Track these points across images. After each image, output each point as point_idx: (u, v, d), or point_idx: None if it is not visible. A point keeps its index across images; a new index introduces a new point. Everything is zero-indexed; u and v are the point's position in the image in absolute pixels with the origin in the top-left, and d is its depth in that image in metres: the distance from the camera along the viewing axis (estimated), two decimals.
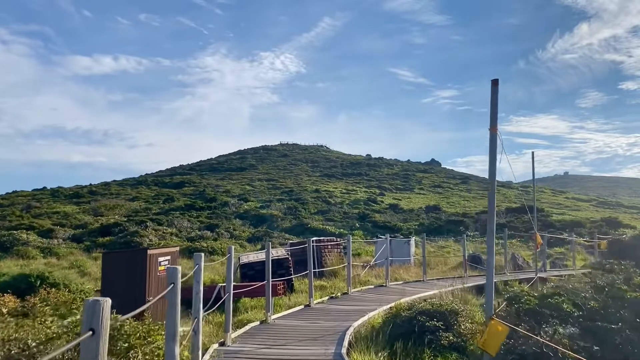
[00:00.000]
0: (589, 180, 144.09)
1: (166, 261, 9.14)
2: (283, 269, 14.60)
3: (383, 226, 35.50)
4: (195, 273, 7.14)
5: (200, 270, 7.14)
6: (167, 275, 7.22)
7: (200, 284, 7.21)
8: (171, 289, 7.16)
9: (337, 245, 20.16)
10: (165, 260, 9.12)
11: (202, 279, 7.28)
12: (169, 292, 7.35)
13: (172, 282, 6.55)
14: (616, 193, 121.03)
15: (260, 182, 68.61)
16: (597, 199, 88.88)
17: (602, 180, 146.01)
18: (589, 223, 39.83)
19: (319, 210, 43.13)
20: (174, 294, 7.30)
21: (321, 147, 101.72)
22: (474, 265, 20.68)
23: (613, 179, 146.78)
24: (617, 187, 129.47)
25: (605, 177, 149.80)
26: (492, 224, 7.01)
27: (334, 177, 77.50)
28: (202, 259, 7.05)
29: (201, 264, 7.00)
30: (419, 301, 9.49)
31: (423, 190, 76.13)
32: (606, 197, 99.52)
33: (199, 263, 7.01)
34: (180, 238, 26.83)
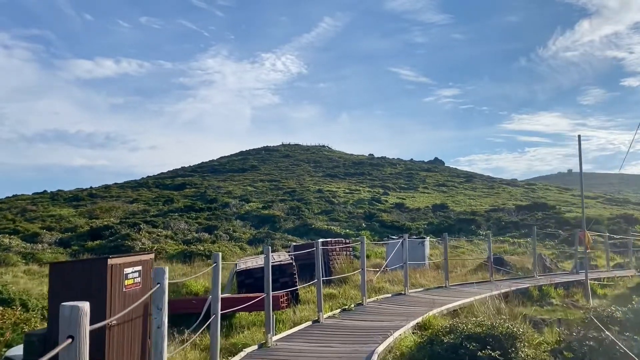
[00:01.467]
0: (593, 177, 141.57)
1: (135, 273, 6.97)
2: (286, 277, 12.41)
3: (391, 226, 33.31)
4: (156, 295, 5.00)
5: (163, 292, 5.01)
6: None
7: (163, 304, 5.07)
8: (157, 290, 5.02)
9: (345, 247, 17.97)
10: (135, 272, 6.95)
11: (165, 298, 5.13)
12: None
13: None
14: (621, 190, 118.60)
15: (263, 182, 66.55)
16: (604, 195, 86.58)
17: (606, 177, 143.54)
18: (607, 220, 37.55)
19: (323, 210, 40.97)
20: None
21: (323, 147, 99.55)
22: (498, 267, 18.47)
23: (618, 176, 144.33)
24: (621, 184, 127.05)
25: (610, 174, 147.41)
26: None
27: (337, 177, 75.43)
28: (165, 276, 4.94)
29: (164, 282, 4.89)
30: (460, 322, 7.28)
31: (427, 189, 73.99)
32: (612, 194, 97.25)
33: (160, 282, 4.90)
34: (175, 241, 24.69)
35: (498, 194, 73.92)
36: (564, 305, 13.33)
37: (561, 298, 14.05)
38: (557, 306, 13.27)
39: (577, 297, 14.03)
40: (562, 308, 13.11)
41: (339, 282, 15.68)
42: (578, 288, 14.85)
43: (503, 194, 73.31)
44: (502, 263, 19.01)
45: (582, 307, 13.34)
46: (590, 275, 17.84)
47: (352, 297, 13.33)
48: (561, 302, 13.63)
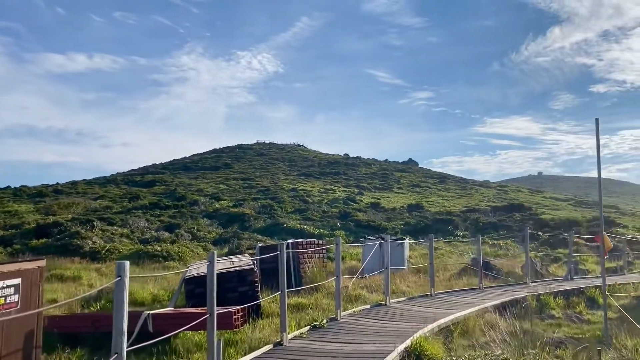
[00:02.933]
0: (563, 180, 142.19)
1: (10, 288, 4.67)
2: (246, 285, 10.17)
3: (367, 225, 31.27)
4: None
5: None
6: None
7: None
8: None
9: (318, 249, 15.79)
10: (9, 287, 4.65)
11: None
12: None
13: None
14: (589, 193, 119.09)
15: (236, 181, 64.08)
16: (574, 198, 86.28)
17: (575, 181, 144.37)
18: (586, 222, 36.18)
19: (296, 209, 38.76)
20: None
21: (298, 147, 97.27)
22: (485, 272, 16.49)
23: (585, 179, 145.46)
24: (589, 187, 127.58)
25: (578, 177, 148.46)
26: None
27: (312, 176, 73.41)
28: None
29: None
30: None
31: (402, 189, 72.51)
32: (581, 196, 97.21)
33: None
34: (132, 240, 22.24)
35: (471, 195, 72.76)
36: (568, 319, 11.39)
37: (562, 309, 12.13)
38: (559, 319, 11.33)
39: (580, 309, 12.11)
40: (565, 322, 11.17)
41: (310, 289, 13.51)
42: (579, 297, 12.96)
43: (476, 195, 72.16)
44: (488, 267, 17.07)
45: (588, 321, 11.42)
46: (585, 281, 16.02)
47: (325, 309, 11.15)
48: (563, 314, 11.70)
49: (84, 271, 16.13)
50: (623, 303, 12.71)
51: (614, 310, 12.29)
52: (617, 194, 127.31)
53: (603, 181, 11.47)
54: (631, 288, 14.17)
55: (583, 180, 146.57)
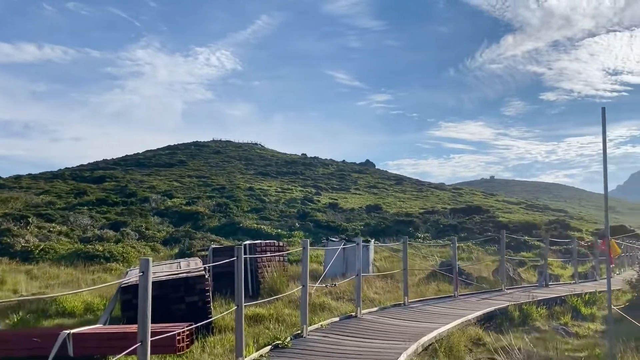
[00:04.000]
0: (513, 184, 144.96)
1: None
2: (195, 295, 8.51)
3: (326, 226, 29.84)
4: None
5: None
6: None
7: None
8: None
9: (279, 251, 14.23)
10: None
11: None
12: None
13: None
14: (538, 197, 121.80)
15: (190, 178, 61.65)
16: (526, 202, 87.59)
17: (524, 185, 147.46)
18: (544, 225, 35.90)
19: (253, 209, 36.99)
20: None
21: (256, 145, 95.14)
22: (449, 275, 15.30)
23: (534, 184, 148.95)
24: (538, 192, 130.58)
25: (528, 182, 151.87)
26: None
27: (269, 175, 71.66)
28: None
29: None
30: None
31: (359, 190, 71.71)
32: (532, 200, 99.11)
33: None
34: (71, 238, 20.08)
35: (427, 197, 72.61)
36: (555, 332, 10.24)
37: (545, 320, 10.99)
38: (546, 333, 10.15)
39: (565, 320, 10.99)
40: (552, 336, 10.00)
41: (269, 296, 11.94)
42: (561, 307, 11.86)
43: (432, 197, 72.06)
44: (459, 272, 15.88)
45: (576, 334, 10.30)
46: (561, 288, 15.05)
47: (287, 322, 9.61)
48: (549, 326, 10.54)
49: (11, 274, 14.04)
50: (606, 313, 11.72)
51: (599, 321, 11.27)
52: (565, 198, 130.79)
53: (551, 186, 10.47)
54: (612, 296, 13.19)
55: (532, 184, 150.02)
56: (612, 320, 8.40)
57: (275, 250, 13.81)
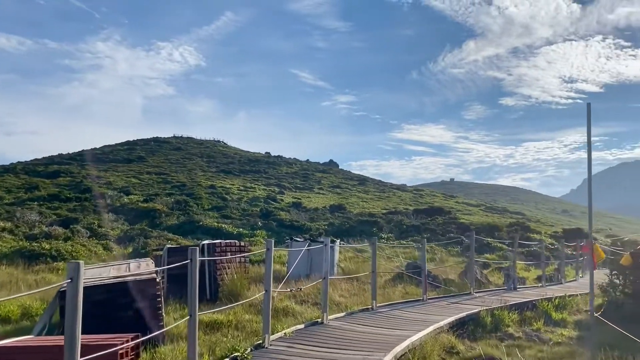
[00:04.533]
0: (472, 187, 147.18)
1: None
2: (145, 300, 7.62)
3: (290, 225, 29.05)
4: None
5: None
6: None
7: None
8: None
9: (240, 252, 13.39)
10: None
11: None
12: None
13: None
14: (496, 200, 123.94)
15: (149, 175, 59.80)
16: (484, 204, 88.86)
17: (483, 187, 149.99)
18: (505, 227, 36.05)
19: (214, 207, 35.89)
20: None
21: (218, 143, 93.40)
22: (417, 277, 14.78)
23: (492, 187, 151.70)
24: (496, 194, 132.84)
25: (486, 185, 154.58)
26: None
27: (231, 173, 70.35)
28: None
29: None
30: None
31: (322, 190, 71.22)
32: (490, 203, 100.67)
33: None
34: (16, 235, 18.71)
35: (389, 197, 72.73)
36: (529, 339, 9.77)
37: (518, 326, 10.52)
38: (520, 340, 9.67)
39: (538, 325, 10.55)
40: (527, 343, 9.53)
41: (229, 300, 11.11)
42: (532, 311, 11.44)
43: (394, 198, 72.21)
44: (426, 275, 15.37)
45: (550, 340, 9.85)
46: (530, 291, 14.72)
47: (247, 329, 8.84)
48: (522, 332, 10.07)
49: None
50: (579, 318, 11.37)
51: (571, 327, 10.89)
52: (522, 201, 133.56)
53: (508, 189, 10.11)
54: (580, 301, 12.91)
55: (491, 187, 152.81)
56: (595, 327, 7.94)
57: (236, 250, 12.97)
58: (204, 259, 11.02)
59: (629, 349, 8.71)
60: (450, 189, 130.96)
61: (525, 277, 19.42)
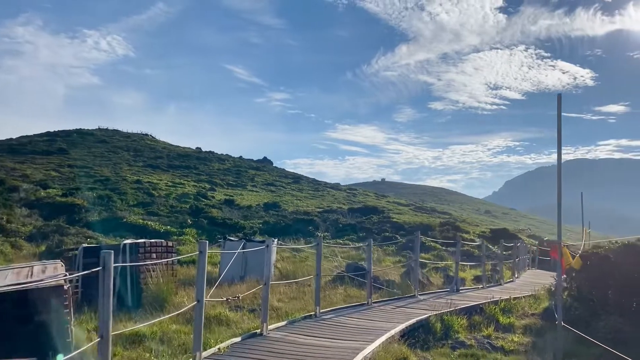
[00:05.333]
0: (402, 187, 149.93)
1: None
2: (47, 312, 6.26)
3: (222, 223, 27.61)
4: None
5: None
6: None
7: None
8: None
9: (167, 252, 12.06)
10: None
11: None
12: None
13: None
14: (424, 200, 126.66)
15: (70, 168, 56.11)
16: (414, 204, 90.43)
17: (412, 188, 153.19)
18: (438, 226, 36.27)
19: (140, 202, 33.78)
20: None
21: (146, 136, 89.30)
22: (356, 278, 14.00)
23: (421, 187, 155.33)
24: (424, 195, 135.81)
25: (415, 185, 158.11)
26: None
27: (159, 168, 67.39)
28: None
29: None
30: None
31: (256, 187, 69.76)
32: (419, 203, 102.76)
33: None
34: None
35: (323, 196, 72.36)
36: (481, 347, 9.15)
37: (468, 332, 9.92)
38: (472, 348, 9.03)
39: (488, 331, 9.98)
40: (480, 351, 8.90)
41: (154, 307, 9.82)
42: (480, 316, 10.89)
43: (328, 197, 71.92)
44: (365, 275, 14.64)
45: (502, 348, 9.28)
46: (473, 293, 14.29)
47: (176, 343, 7.64)
48: (473, 340, 9.45)
49: None
50: (527, 323, 10.93)
51: (520, 332, 10.41)
52: (448, 202, 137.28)
53: (436, 190, 9.58)
54: (525, 303, 12.55)
55: (419, 188, 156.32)
56: (561, 335, 7.36)
57: (162, 250, 11.64)
58: (125, 264, 9.64)
59: (587, 355, 8.27)
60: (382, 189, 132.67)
61: (463, 277, 19.16)
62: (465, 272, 21.51)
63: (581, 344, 8.35)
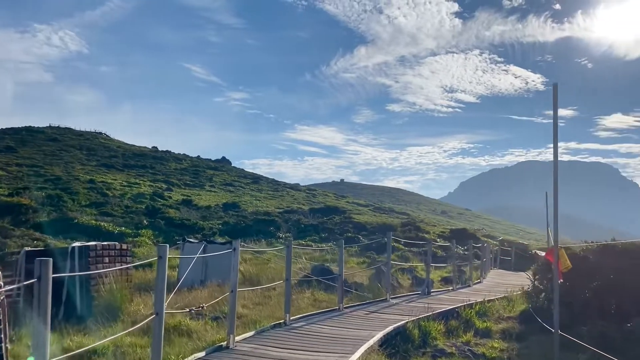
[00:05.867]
0: (360, 187, 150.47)
1: None
2: None
3: (180, 224, 26.45)
4: None
5: None
6: None
7: None
8: None
9: (121, 255, 11.03)
10: None
11: None
12: None
13: None
14: (383, 200, 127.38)
15: (19, 167, 53.40)
16: (373, 204, 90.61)
17: (370, 189, 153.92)
18: (400, 226, 36.03)
19: (93, 203, 32.17)
20: None
21: (100, 135, 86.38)
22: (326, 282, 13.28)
23: (378, 188, 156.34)
24: (382, 195, 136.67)
25: (373, 186, 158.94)
26: None
27: (114, 167, 65.11)
28: None
29: None
30: None
31: (214, 187, 68.26)
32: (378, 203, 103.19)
33: None
34: None
35: (283, 196, 71.56)
36: (461, 354, 8.60)
37: (445, 338, 9.36)
38: (453, 356, 8.46)
39: (466, 337, 9.45)
40: (462, 359, 8.34)
41: (106, 318, 8.84)
42: (457, 320, 10.36)
43: (287, 197, 71.16)
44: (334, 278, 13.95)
45: (483, 355, 8.75)
46: (444, 296, 13.82)
47: (130, 358, 6.74)
48: (453, 347, 8.89)
49: None
50: (504, 327, 10.47)
51: (498, 337, 9.92)
52: (406, 202, 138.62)
53: (393, 190, 9.17)
54: (499, 306, 12.13)
55: (377, 188, 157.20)
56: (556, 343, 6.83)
57: (116, 254, 10.62)
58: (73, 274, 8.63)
59: None
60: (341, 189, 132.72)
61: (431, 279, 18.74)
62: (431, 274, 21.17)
63: (568, 350, 7.89)
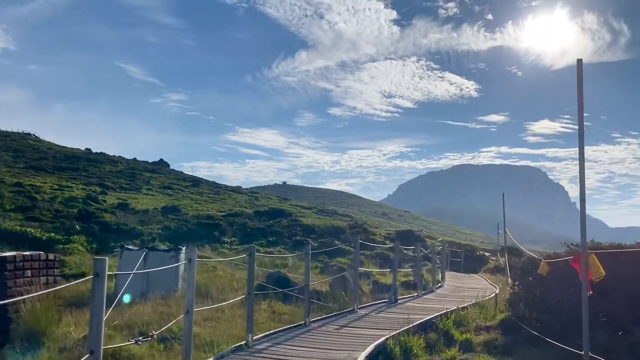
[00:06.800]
0: (303, 190, 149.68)
1: None
2: None
3: (117, 229, 24.29)
4: None
5: None
6: None
7: None
8: None
9: (47, 267, 9.28)
10: None
11: None
12: None
13: None
14: (325, 203, 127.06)
15: None
16: (316, 207, 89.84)
17: (312, 191, 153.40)
18: (349, 229, 35.13)
19: (19, 207, 29.32)
20: None
21: (28, 136, 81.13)
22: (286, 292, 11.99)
23: (321, 190, 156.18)
24: (325, 198, 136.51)
25: (315, 189, 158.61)
26: None
27: (44, 170, 61.06)
28: None
29: None
30: None
31: (151, 190, 65.30)
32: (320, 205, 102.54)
33: None
34: None
35: (224, 200, 69.50)
36: None
37: (427, 354, 8.30)
38: None
39: (450, 353, 8.42)
40: None
41: (30, 342, 7.19)
42: (435, 333, 9.34)
43: (229, 200, 69.17)
44: (292, 286, 12.70)
45: None
46: (411, 304, 12.82)
47: None
48: None
49: None
50: (485, 339, 9.54)
51: (481, 350, 8.98)
52: (347, 204, 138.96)
53: (335, 193, 8.44)
54: (474, 314, 11.23)
55: (319, 191, 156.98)
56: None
57: (40, 266, 8.89)
58: None
59: None
60: (283, 192, 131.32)
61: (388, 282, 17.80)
62: (386, 277, 20.27)
63: None
